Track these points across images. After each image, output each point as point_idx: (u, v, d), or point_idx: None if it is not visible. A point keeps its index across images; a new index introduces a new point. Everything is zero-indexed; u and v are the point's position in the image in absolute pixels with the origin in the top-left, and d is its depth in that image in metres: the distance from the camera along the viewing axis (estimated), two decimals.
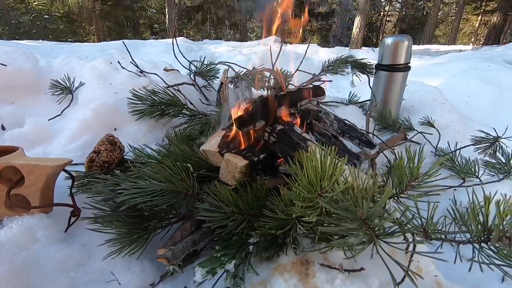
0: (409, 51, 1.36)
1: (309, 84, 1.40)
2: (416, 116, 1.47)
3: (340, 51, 4.33)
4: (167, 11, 11.72)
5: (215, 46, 4.35)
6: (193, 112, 1.09)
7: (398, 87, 1.41)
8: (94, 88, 1.12)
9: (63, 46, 3.51)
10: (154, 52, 3.52)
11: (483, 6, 15.41)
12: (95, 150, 0.80)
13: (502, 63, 2.75)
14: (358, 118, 1.42)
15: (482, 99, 2.20)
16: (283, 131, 0.83)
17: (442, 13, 19.58)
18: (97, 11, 15.27)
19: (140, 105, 1.06)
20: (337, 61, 1.46)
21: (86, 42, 17.09)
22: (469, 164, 1.19)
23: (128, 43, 3.86)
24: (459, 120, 1.50)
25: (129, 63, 1.32)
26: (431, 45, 11.31)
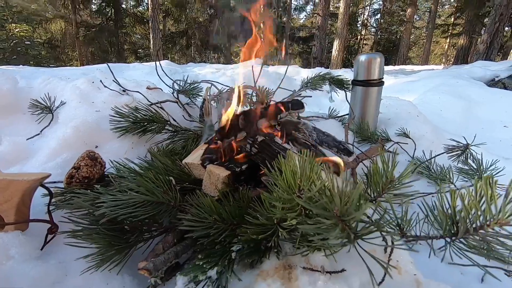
0: (381, 67, 1.45)
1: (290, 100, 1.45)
2: (393, 128, 1.55)
3: (320, 70, 4.50)
4: (152, 37, 11.94)
5: (199, 69, 4.44)
6: (176, 128, 1.10)
7: (374, 101, 1.49)
8: (75, 107, 1.12)
9: (44, 70, 3.48)
10: (138, 74, 3.55)
11: (450, 30, 16.69)
12: (74, 166, 0.79)
13: (469, 79, 2.95)
14: (338, 131, 1.47)
15: (453, 112, 2.33)
16: (264, 142, 0.85)
17: (414, 36, 20.96)
18: (81, 37, 15.33)
19: (122, 122, 1.06)
20: (316, 77, 1.53)
21: None
22: (444, 171, 1.25)
23: (112, 66, 3.88)
24: (433, 130, 1.59)
25: (112, 82, 1.33)
26: (406, 66, 11.98)
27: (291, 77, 4.29)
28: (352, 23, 18.59)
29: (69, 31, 15.56)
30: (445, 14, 20.49)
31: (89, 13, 17.00)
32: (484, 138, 2.07)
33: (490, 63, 4.40)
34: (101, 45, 16.23)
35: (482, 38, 7.49)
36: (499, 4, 6.96)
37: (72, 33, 15.26)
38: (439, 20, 19.66)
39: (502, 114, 2.25)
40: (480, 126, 2.19)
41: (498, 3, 6.98)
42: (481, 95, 2.47)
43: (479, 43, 7.63)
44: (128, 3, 17.84)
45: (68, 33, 15.73)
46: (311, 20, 21.32)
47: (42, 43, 15.28)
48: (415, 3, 13.69)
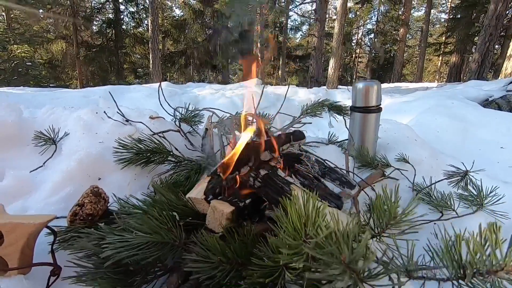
0: (379, 94, 1.49)
1: (290, 126, 1.47)
2: (392, 152, 1.57)
3: (318, 91, 4.59)
4: (151, 57, 12.19)
5: (199, 89, 4.51)
6: (179, 159, 1.11)
7: (372, 127, 1.51)
8: (79, 138, 1.13)
9: (45, 93, 3.52)
10: (139, 97, 3.60)
11: (442, 48, 17.20)
12: (78, 203, 0.79)
13: (464, 100, 3.02)
14: (338, 157, 1.48)
15: (450, 133, 2.37)
16: (267, 175, 0.86)
17: (407, 54, 21.54)
18: (81, 57, 15.60)
19: (125, 153, 1.07)
20: (315, 105, 1.56)
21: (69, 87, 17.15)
22: (444, 197, 1.25)
23: (113, 88, 3.94)
24: (431, 155, 1.61)
25: (115, 111, 1.35)
26: (400, 83, 12.23)
27: (289, 98, 4.36)
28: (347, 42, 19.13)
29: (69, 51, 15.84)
30: (436, 33, 21.20)
31: (90, 34, 17.40)
32: (482, 160, 2.09)
33: (483, 82, 4.51)
34: (101, 64, 16.49)
35: (474, 57, 7.71)
36: (488, 25, 7.22)
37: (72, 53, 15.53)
38: (431, 38, 20.33)
39: (498, 135, 2.29)
40: (477, 148, 2.22)
41: (487, 24, 7.25)
42: (477, 116, 2.52)
43: (471, 62, 7.85)
44: (128, 24, 18.29)
45: (68, 53, 16.00)
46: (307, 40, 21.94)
47: (42, 63, 15.51)
48: (407, 23, 14.17)
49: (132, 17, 17.63)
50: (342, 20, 11.74)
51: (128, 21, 18.06)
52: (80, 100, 3.40)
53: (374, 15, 18.25)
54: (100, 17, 17.81)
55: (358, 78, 25.20)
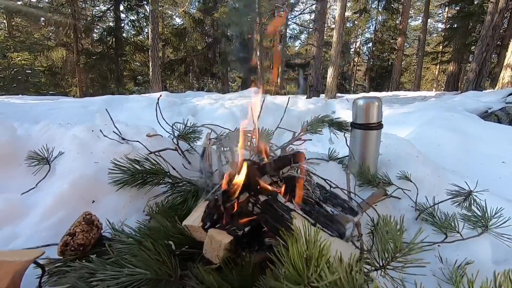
0: (379, 111, 1.47)
1: (291, 143, 1.45)
2: (393, 169, 1.54)
3: (317, 101, 4.59)
4: (151, 64, 12.24)
5: (197, 99, 4.50)
6: (176, 180, 1.08)
7: (373, 144, 1.49)
8: (73, 158, 1.10)
9: (44, 103, 3.50)
10: (137, 107, 3.58)
11: (439, 57, 17.37)
12: (70, 232, 0.76)
13: (463, 112, 3.01)
14: (339, 175, 1.46)
15: (450, 147, 2.35)
16: (267, 202, 0.83)
17: (405, 62, 21.73)
18: (81, 65, 15.66)
19: (120, 175, 1.04)
20: (315, 121, 1.54)
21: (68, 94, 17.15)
22: (448, 218, 1.22)
23: (111, 98, 3.93)
24: (433, 172, 1.58)
25: (112, 128, 1.32)
26: (399, 92, 12.31)
27: (288, 108, 4.35)
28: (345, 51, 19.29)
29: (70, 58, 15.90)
30: (433, 42, 21.43)
31: (91, 42, 17.50)
32: (484, 175, 2.07)
33: (482, 93, 4.53)
34: (101, 72, 16.54)
35: (471, 67, 7.77)
36: (485, 35, 7.30)
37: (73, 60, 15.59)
38: (428, 47, 20.55)
39: (499, 149, 2.27)
40: (479, 162, 2.19)
41: (484, 34, 7.33)
42: (477, 129, 2.50)
43: (469, 72, 7.91)
44: (129, 32, 18.43)
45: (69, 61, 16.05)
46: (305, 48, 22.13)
47: (42, 70, 15.54)
48: (404, 33, 14.33)
49: (132, 25, 17.77)
50: (340, 30, 11.86)
51: (128, 29, 18.19)
52: (79, 110, 3.38)
53: (372, 25, 18.47)
54: (101, 25, 17.96)
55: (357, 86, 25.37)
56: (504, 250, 1.20)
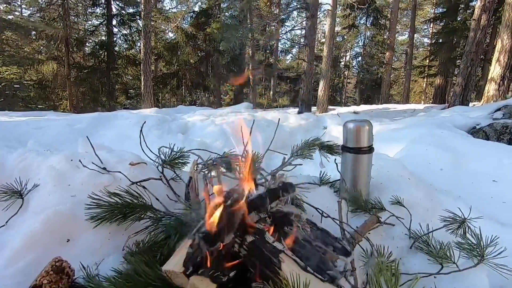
0: (370, 134, 1.45)
1: (281, 169, 1.41)
2: (386, 193, 1.51)
3: (308, 117, 4.60)
4: (143, 78, 12.22)
5: (189, 115, 4.46)
6: (159, 214, 1.02)
7: (365, 169, 1.46)
8: (49, 192, 1.03)
9: (29, 121, 3.40)
10: (126, 124, 3.51)
11: (426, 71, 17.88)
12: (36, 283, 0.69)
13: (452, 129, 3.04)
14: (331, 200, 1.41)
15: (441, 165, 2.34)
16: (254, 243, 0.78)
17: (394, 75, 22.26)
18: (72, 78, 15.53)
19: (99, 210, 0.98)
20: (305, 145, 1.51)
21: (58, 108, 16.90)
22: (443, 247, 1.18)
23: (99, 116, 3.85)
24: (426, 195, 1.56)
25: (93, 156, 1.26)
26: (389, 105, 12.53)
27: (280, 124, 4.34)
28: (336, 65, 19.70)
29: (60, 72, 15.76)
30: (420, 56, 22.10)
31: (82, 55, 17.45)
32: (476, 194, 2.06)
33: (469, 108, 4.62)
34: (92, 85, 16.42)
35: (458, 81, 7.98)
36: (469, 51, 7.54)
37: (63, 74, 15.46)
38: (415, 61, 21.17)
39: (489, 167, 2.27)
40: (470, 180, 2.19)
41: (468, 50, 7.57)
42: (467, 146, 2.52)
43: (456, 86, 8.11)
44: (121, 46, 18.47)
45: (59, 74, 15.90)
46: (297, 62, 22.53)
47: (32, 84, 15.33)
48: (392, 47, 14.75)
49: (125, 39, 17.82)
50: (330, 44, 12.12)
51: (121, 43, 18.23)
52: (65, 129, 3.29)
53: (361, 39, 18.99)
54: (93, 39, 17.97)
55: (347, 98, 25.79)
56: (500, 281, 1.16)
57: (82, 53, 17.16)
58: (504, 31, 8.36)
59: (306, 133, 4.25)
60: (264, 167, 2.96)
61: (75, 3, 17.48)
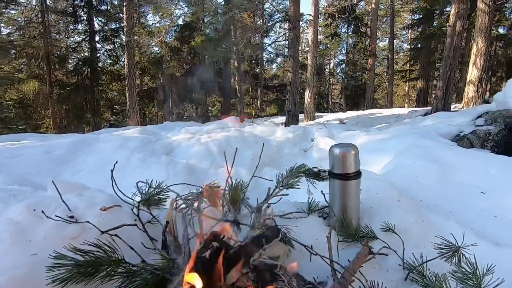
0: (357, 159, 1.40)
1: (266, 202, 1.33)
2: (376, 219, 1.45)
3: (295, 129, 4.57)
4: (128, 94, 12.04)
5: (174, 133, 4.36)
6: (132, 269, 0.92)
7: (353, 194, 1.41)
8: (5, 251, 0.92)
9: (2, 150, 3.22)
10: (108, 148, 3.37)
11: (408, 75, 18.38)
12: None
13: (438, 138, 3.06)
14: (320, 232, 1.35)
15: (430, 178, 2.33)
16: None
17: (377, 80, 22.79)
18: (55, 96, 15.19)
19: (62, 270, 0.87)
20: (291, 173, 1.45)
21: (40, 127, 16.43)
22: (439, 278, 1.13)
23: (79, 139, 3.70)
24: (417, 218, 1.51)
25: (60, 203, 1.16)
26: (374, 110, 12.75)
27: (266, 138, 4.30)
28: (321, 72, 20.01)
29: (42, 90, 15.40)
30: (401, 61, 22.74)
31: (65, 73, 17.14)
32: (466, 208, 2.03)
33: (452, 114, 4.71)
34: (76, 102, 16.07)
35: (438, 85, 8.19)
36: (447, 56, 7.77)
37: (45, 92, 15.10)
38: (397, 66, 21.76)
39: (476, 178, 2.27)
40: (459, 193, 2.17)
41: (446, 55, 7.81)
42: (453, 157, 2.52)
43: (437, 90, 8.32)
44: (105, 62, 18.24)
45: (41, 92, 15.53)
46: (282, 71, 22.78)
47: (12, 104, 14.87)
48: (374, 54, 15.11)
49: (108, 55, 17.64)
50: (314, 53, 12.34)
51: (104, 58, 18.03)
52: (42, 157, 3.13)
53: (344, 47, 19.41)
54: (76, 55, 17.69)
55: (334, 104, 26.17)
56: None
57: (65, 70, 16.87)
58: (478, 36, 8.69)
59: (294, 146, 4.21)
60: (256, 185, 2.84)
61: (56, 20, 17.26)
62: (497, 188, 2.10)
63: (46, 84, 14.76)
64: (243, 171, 2.93)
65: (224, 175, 1.53)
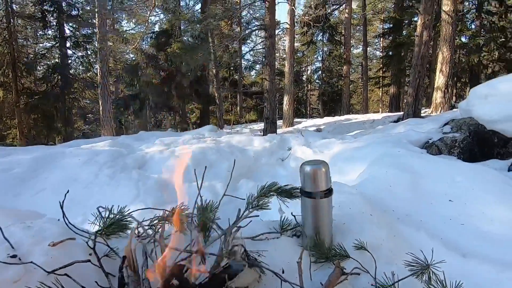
0: (327, 176, 1.38)
1: (236, 226, 1.27)
2: (349, 236, 1.44)
3: (272, 138, 4.56)
4: (101, 103, 11.60)
5: (147, 146, 4.20)
6: None
7: (325, 213, 1.38)
8: None
9: None
10: (74, 164, 3.17)
11: (381, 81, 19.14)
12: None
13: (409, 146, 3.15)
14: (292, 254, 1.30)
15: (401, 187, 2.37)
16: None
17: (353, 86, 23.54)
18: (22, 105, 14.36)
19: None
20: (262, 193, 1.40)
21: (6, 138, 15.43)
22: None
23: (43, 155, 3.45)
24: (389, 232, 1.52)
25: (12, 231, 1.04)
26: (350, 115, 13.11)
27: (243, 147, 4.25)
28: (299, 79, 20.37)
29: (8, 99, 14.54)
30: (375, 68, 23.68)
31: (33, 80, 16.30)
32: (435, 217, 2.08)
33: (421, 120, 4.92)
34: (45, 111, 15.25)
35: (409, 91, 8.56)
36: (416, 64, 8.16)
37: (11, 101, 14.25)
38: (371, 72, 22.61)
39: (445, 186, 2.34)
40: (429, 202, 2.23)
41: (415, 63, 8.19)
42: (422, 165, 2.59)
43: (407, 96, 8.69)
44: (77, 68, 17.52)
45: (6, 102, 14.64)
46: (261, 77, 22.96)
47: None
48: (349, 61, 15.61)
49: (81, 61, 16.97)
50: (291, 60, 12.53)
51: (76, 65, 17.32)
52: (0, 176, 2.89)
53: (320, 55, 19.91)
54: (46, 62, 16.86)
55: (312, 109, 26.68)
56: None
57: (33, 78, 16.03)
58: (443, 45, 9.21)
59: (271, 156, 4.19)
60: (232, 198, 2.75)
61: (24, 25, 16.42)
62: (463, 196, 2.18)
63: (12, 93, 13.95)
64: (219, 185, 2.86)
65: (197, 191, 1.46)
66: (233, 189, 3.09)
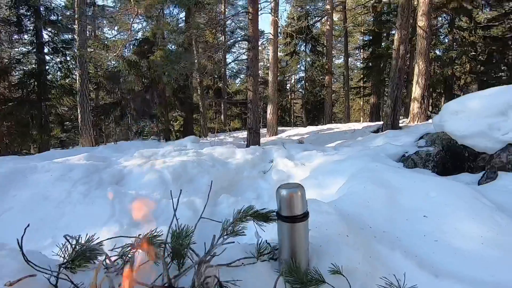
0: (303, 200, 1.39)
1: (210, 254, 1.24)
2: (325, 259, 1.44)
3: (255, 150, 4.56)
4: (80, 111, 11.25)
5: (126, 158, 4.08)
6: None
7: (302, 236, 1.38)
8: None
9: None
10: (46, 180, 3.02)
11: (362, 91, 19.73)
12: None
13: (386, 160, 3.24)
14: (269, 280, 1.29)
15: (379, 202, 2.42)
16: None
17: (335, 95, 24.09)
18: None
19: None
20: (237, 218, 1.38)
21: None
22: None
23: (13, 170, 3.27)
24: (365, 254, 1.53)
25: None
26: (332, 125, 13.37)
27: (225, 160, 4.22)
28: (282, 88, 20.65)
29: None
30: (356, 78, 24.41)
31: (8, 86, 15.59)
32: (410, 233, 2.13)
33: (399, 132, 5.09)
34: (19, 119, 14.57)
35: (387, 103, 8.86)
36: (393, 76, 8.48)
37: None
38: (352, 82, 23.27)
39: (420, 201, 2.41)
40: (405, 217, 2.28)
41: (392, 75, 8.51)
42: (398, 180, 2.66)
43: (386, 107, 8.98)
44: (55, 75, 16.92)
45: None
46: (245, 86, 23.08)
47: None
48: (331, 72, 16.01)
49: (59, 68, 16.42)
50: (275, 70, 12.71)
51: (54, 71, 16.72)
52: None
53: (303, 65, 20.31)
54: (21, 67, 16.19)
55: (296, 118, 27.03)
56: None
57: (8, 84, 15.32)
58: (419, 58, 9.63)
59: (253, 168, 4.18)
60: (213, 214, 2.67)
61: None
62: (437, 211, 2.25)
63: None
64: (198, 201, 2.80)
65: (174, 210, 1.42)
66: (213, 205, 3.04)
